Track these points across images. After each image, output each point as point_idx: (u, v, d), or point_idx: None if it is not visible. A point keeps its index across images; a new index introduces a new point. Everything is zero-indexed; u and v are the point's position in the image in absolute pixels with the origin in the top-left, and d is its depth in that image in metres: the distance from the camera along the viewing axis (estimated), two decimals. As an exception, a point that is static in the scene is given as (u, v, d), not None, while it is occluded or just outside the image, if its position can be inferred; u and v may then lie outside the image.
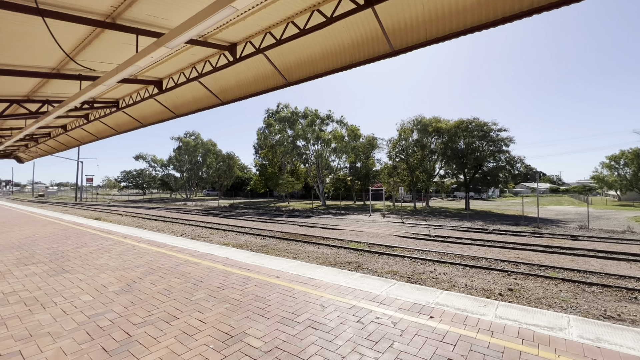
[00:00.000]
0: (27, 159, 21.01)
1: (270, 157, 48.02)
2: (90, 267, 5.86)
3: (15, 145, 15.96)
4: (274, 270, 5.49)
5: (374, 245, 12.20)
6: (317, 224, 19.56)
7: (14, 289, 4.65)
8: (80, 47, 4.79)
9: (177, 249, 7.41)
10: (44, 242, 8.31)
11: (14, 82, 6.21)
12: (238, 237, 14.21)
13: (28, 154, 19.34)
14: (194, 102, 7.91)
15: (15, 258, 6.62)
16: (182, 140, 59.36)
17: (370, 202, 29.57)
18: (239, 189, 67.81)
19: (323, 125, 40.70)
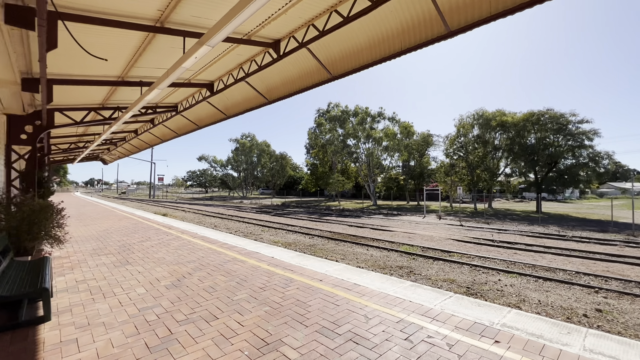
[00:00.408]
0: (110, 160, 24.07)
1: (320, 157, 48.43)
2: (149, 260, 6.27)
3: (100, 149, 18.31)
4: (317, 273, 5.27)
5: (428, 249, 11.35)
6: (366, 224, 19.03)
7: (84, 278, 5.13)
8: (137, 54, 5.10)
9: (227, 246, 7.64)
10: (116, 235, 9.25)
11: (90, 92, 6.95)
12: (287, 236, 14.40)
13: (110, 156, 22.13)
14: (243, 103, 8.10)
15: (92, 248, 7.41)
16: (239, 142, 62.93)
17: (424, 202, 27.97)
18: (291, 188, 69.71)
19: (374, 123, 39.73)
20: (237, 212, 27.20)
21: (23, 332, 3.28)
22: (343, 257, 10.10)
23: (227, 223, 19.25)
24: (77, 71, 5.55)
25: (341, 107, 42.42)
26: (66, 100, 7.32)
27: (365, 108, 40.32)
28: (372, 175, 39.66)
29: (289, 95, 6.71)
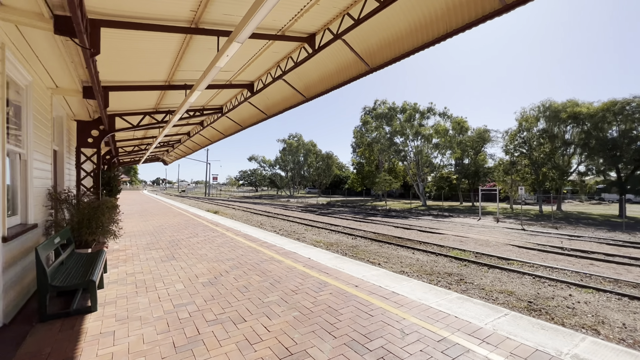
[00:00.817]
0: (169, 161, 26.26)
1: (367, 156, 47.57)
2: (193, 256, 6.52)
3: (159, 151, 19.99)
4: (353, 278, 4.97)
5: (482, 256, 10.32)
6: (414, 225, 18.07)
7: (134, 270, 5.47)
8: (178, 58, 5.28)
9: (266, 244, 7.68)
10: (169, 231, 9.90)
11: (143, 97, 7.46)
12: (330, 236, 14.23)
13: (169, 157, 24.12)
14: (282, 102, 8.09)
15: (146, 243, 7.98)
16: (286, 142, 64.60)
17: (479, 203, 25.78)
18: (337, 187, 69.68)
19: (423, 120, 37.84)
20: (283, 211, 27.82)
21: (72, 320, 3.51)
22: (386, 260, 9.61)
23: (273, 221, 19.72)
24: (129, 77, 5.94)
25: (388, 104, 41.15)
26: (124, 106, 7.96)
27: (414, 104, 38.59)
28: (421, 174, 37.82)
29: (327, 91, 6.49)
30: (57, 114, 6.73)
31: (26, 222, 4.31)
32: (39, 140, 4.80)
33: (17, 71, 3.88)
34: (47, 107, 5.32)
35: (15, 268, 3.74)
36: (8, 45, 3.45)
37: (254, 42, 5.26)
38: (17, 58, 3.75)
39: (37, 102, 4.70)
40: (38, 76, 4.68)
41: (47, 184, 5.38)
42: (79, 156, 7.75)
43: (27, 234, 4.19)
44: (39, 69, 4.58)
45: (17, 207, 4.23)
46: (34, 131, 4.51)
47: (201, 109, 9.60)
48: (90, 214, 5.62)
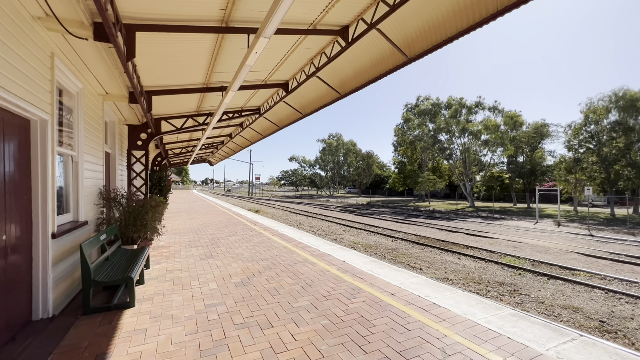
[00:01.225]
0: (214, 162, 27.64)
1: (409, 154, 45.87)
2: (230, 254, 6.62)
3: (205, 152, 21.08)
4: (390, 285, 4.61)
5: (540, 264, 9.23)
6: (460, 228, 16.89)
7: (174, 267, 5.67)
8: (213, 59, 5.35)
9: (301, 245, 7.57)
10: (210, 229, 10.27)
11: (185, 100, 7.78)
12: (369, 237, 13.80)
13: (213, 158, 25.38)
14: (316, 100, 7.93)
15: (188, 240, 8.32)
16: (326, 142, 64.75)
17: (537, 205, 23.35)
18: (377, 187, 68.27)
19: (470, 115, 35.44)
20: (322, 211, 27.81)
21: (111, 315, 3.66)
22: (428, 265, 9.01)
23: (311, 221, 19.74)
24: (169, 82, 6.18)
25: (431, 100, 39.23)
26: (168, 110, 8.38)
27: (460, 99, 36.31)
28: (468, 173, 35.46)
29: (362, 86, 6.18)
30: (109, 119, 7.27)
31: (77, 219, 4.63)
32: (90, 143, 5.15)
33: (67, 79, 4.15)
34: (98, 112, 5.71)
35: (66, 263, 4.01)
36: (57, 54, 3.69)
37: (286, 39, 5.14)
38: (67, 66, 4.01)
39: (88, 107, 5.05)
40: (88, 83, 5.01)
41: (99, 184, 5.78)
42: (130, 158, 8.31)
43: (77, 230, 4.49)
44: (88, 77, 4.90)
45: (69, 206, 4.56)
46: (84, 135, 4.84)
47: (239, 111, 9.81)
48: (135, 212, 5.94)
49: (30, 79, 3.16)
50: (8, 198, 2.96)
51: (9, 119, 3.00)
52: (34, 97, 3.24)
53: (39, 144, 3.44)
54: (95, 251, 4.93)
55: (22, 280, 3.25)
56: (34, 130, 3.43)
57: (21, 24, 2.95)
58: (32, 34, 3.14)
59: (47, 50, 3.47)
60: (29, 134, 3.39)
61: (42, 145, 3.46)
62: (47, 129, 3.50)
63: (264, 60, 5.90)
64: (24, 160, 3.28)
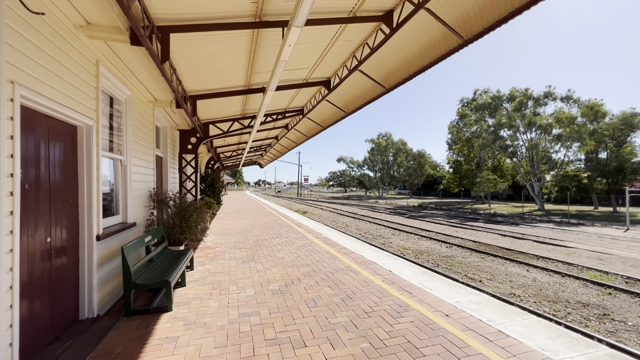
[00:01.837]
0: (264, 164, 28.54)
1: (465, 153, 42.64)
2: (271, 258, 6.48)
3: (254, 155, 21.78)
4: (443, 303, 3.99)
5: (637, 282, 7.59)
6: (528, 235, 14.96)
7: (216, 270, 5.67)
8: (251, 59, 5.24)
9: (345, 250, 7.17)
10: (256, 231, 10.37)
11: (230, 103, 7.90)
12: (420, 242, 12.86)
13: (263, 160, 26.17)
14: (360, 96, 7.47)
15: (234, 241, 8.44)
16: (374, 142, 63.28)
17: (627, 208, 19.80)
18: (430, 188, 64.82)
19: (538, 107, 31.68)
20: (370, 213, 27.01)
21: (149, 318, 3.65)
22: (490, 277, 7.96)
23: (358, 223, 19.19)
24: (212, 85, 6.25)
25: (490, 93, 35.94)
26: (215, 114, 8.61)
27: (525, 90, 32.67)
28: (536, 172, 31.68)
29: (410, 78, 5.58)
30: (161, 124, 7.65)
31: (126, 221, 4.82)
32: (139, 148, 5.37)
33: (113, 86, 4.32)
34: (149, 118, 5.98)
35: (112, 264, 4.14)
36: (102, 62, 3.81)
37: (323, 31, 4.81)
38: (113, 73, 4.15)
39: (137, 113, 5.26)
40: (137, 90, 5.22)
41: (149, 186, 6.04)
42: (181, 161, 8.70)
43: (125, 232, 4.66)
44: (136, 84, 5.10)
45: (118, 208, 4.76)
46: (133, 139, 5.04)
47: (283, 112, 9.75)
48: (181, 214, 6.09)
49: (75, 87, 3.26)
50: (55, 201, 3.07)
51: (55, 126, 3.11)
52: (79, 104, 3.34)
53: (84, 149, 3.56)
54: (140, 252, 5.09)
55: (69, 281, 3.38)
56: (80, 136, 3.56)
57: (64, 34, 3.04)
58: (76, 43, 3.24)
59: (91, 58, 3.58)
60: (76, 139, 3.52)
61: (87, 150, 3.58)
62: (92, 135, 3.62)
63: (302, 57, 5.65)
64: (70, 165, 3.41)
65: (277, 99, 8.31)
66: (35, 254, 2.80)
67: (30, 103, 2.65)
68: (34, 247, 2.77)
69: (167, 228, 6.03)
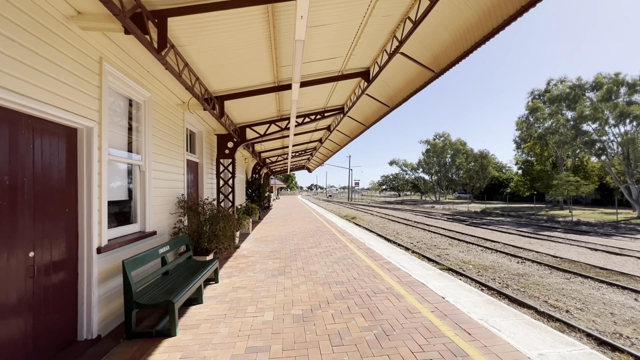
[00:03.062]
0: (312, 168, 28.28)
1: (537, 151, 37.55)
2: (303, 272, 5.79)
3: (301, 159, 21.55)
4: (518, 355, 2.85)
5: None
6: (629, 249, 12.05)
7: (241, 284, 5.15)
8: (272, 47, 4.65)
9: (389, 266, 6.16)
10: (296, 238, 9.82)
11: (263, 103, 7.49)
12: (483, 255, 11.09)
13: (310, 165, 25.90)
14: (405, 86, 6.43)
15: (270, 250, 7.95)
16: (430, 143, 59.57)
17: None
18: (494, 192, 58.78)
19: (634, 94, 26.37)
20: (425, 219, 24.95)
21: (149, 344, 3.19)
22: (581, 306, 6.24)
23: (411, 231, 17.63)
24: (238, 83, 5.84)
25: (569, 82, 31.11)
26: (249, 116, 8.29)
27: (615, 75, 27.51)
28: (633, 172, 26.30)
29: (465, 55, 4.44)
30: (196, 129, 7.52)
31: (144, 229, 4.54)
32: (162, 152, 5.11)
33: (126, 86, 4.04)
34: (177, 121, 5.76)
35: (119, 279, 3.80)
36: (108, 59, 3.52)
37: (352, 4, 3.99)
38: (124, 73, 3.87)
39: (160, 116, 5.02)
40: (160, 92, 4.98)
41: (177, 192, 5.80)
42: (219, 166, 8.54)
43: (142, 241, 4.35)
44: (157, 85, 4.85)
45: (135, 216, 4.49)
46: (154, 143, 4.78)
47: (322, 111, 9.09)
48: (209, 222, 5.74)
49: (70, 86, 2.95)
50: (41, 211, 2.75)
51: (43, 127, 2.80)
52: (76, 104, 3.03)
53: (84, 153, 3.26)
54: (155, 264, 4.73)
55: (66, 298, 3.06)
56: (79, 139, 3.26)
57: (52, 26, 2.73)
58: (69, 36, 2.93)
59: (92, 54, 3.28)
60: (75, 142, 3.23)
61: (87, 154, 3.27)
62: (94, 138, 3.30)
63: (332, 43, 4.90)
64: (66, 170, 3.10)
65: (313, 97, 7.68)
66: (10, 270, 2.46)
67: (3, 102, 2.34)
68: (8, 264, 2.44)
69: (194, 236, 5.72)
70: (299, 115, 8.92)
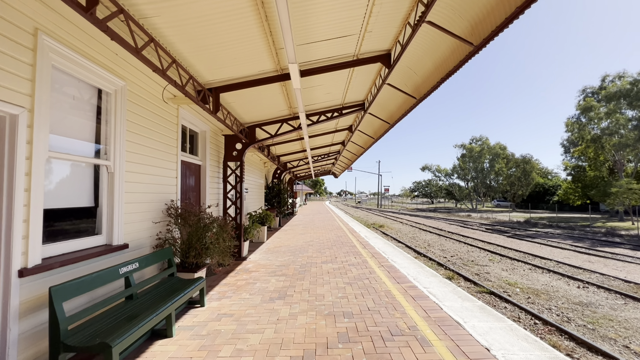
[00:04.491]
0: (338, 173, 27.21)
1: (590, 155, 33.61)
2: (308, 296, 4.79)
3: (326, 163, 20.60)
4: None
5: None
6: None
7: (229, 310, 4.26)
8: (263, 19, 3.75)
9: (414, 292, 4.97)
10: (312, 249, 8.83)
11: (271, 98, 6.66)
12: (531, 276, 9.38)
13: (335, 169, 24.87)
14: (435, 69, 5.24)
15: (278, 264, 7.03)
16: (466, 147, 56.12)
17: None
18: (539, 200, 53.97)
19: None
20: (461, 229, 22.87)
21: (72, 405, 2.35)
22: (681, 358, 4.61)
23: (444, 242, 15.95)
24: (234, 73, 5.02)
25: (629, 77, 27.50)
26: (259, 114, 7.53)
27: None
28: None
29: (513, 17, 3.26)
30: (198, 128, 6.85)
31: (110, 242, 3.80)
32: (143, 152, 4.40)
33: (84, 69, 3.33)
34: (167, 117, 5.06)
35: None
36: (50, 32, 2.82)
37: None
38: (78, 52, 3.17)
39: (140, 110, 4.32)
40: (142, 83, 4.30)
41: (165, 198, 5.08)
42: (226, 170, 7.82)
43: (107, 256, 3.61)
44: (135, 74, 4.14)
45: (100, 226, 3.77)
46: (128, 140, 4.07)
47: (340, 108, 8.10)
48: (198, 233, 4.93)
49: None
50: None
51: None
52: None
53: (6, 148, 2.55)
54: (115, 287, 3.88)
55: (-30, 336, 2.33)
56: (0, 130, 2.56)
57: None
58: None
59: (23, 24, 2.59)
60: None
61: (9, 148, 2.56)
62: (18, 128, 2.58)
63: (338, 13, 3.91)
64: (-25, 170, 2.39)
65: (327, 89, 6.73)
66: None
67: None
68: None
69: (184, 249, 4.93)
70: (313, 113, 8.01)
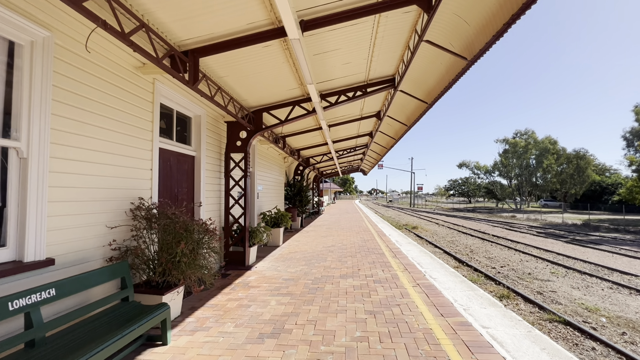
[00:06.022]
0: (367, 170, 25.45)
1: (664, 148, 28.79)
2: (311, 334, 3.41)
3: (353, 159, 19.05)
4: None
5: None
6: None
7: (196, 354, 3.00)
8: None
9: (467, 334, 3.38)
10: (331, 258, 7.42)
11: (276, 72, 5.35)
12: (617, 298, 7.24)
13: (364, 166, 23.18)
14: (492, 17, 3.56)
15: (286, 278, 5.74)
16: (509, 142, 51.54)
17: None
18: (596, 199, 48.19)
19: None
20: (507, 232, 20.23)
21: None
22: None
23: (489, 248, 13.77)
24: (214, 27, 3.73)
25: None
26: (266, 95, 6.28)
27: None
28: None
29: None
30: (191, 112, 5.72)
31: (22, 257, 2.66)
32: (89, 132, 3.26)
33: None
34: (131, 90, 3.92)
35: None
36: None
37: None
38: None
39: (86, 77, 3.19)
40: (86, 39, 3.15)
41: (130, 195, 3.93)
42: (228, 162, 6.65)
43: (12, 279, 2.49)
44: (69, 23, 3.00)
45: (6, 234, 2.65)
46: (59, 115, 2.93)
47: (363, 85, 6.60)
48: (167, 241, 3.73)
49: None
50: None
51: None
52: None
53: None
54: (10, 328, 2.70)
55: None
56: None
57: None
58: None
59: None
60: None
61: None
62: None
63: None
64: None
65: (345, 57, 5.27)
66: None
67: None
68: None
69: (151, 262, 3.76)
70: (330, 93, 6.59)
